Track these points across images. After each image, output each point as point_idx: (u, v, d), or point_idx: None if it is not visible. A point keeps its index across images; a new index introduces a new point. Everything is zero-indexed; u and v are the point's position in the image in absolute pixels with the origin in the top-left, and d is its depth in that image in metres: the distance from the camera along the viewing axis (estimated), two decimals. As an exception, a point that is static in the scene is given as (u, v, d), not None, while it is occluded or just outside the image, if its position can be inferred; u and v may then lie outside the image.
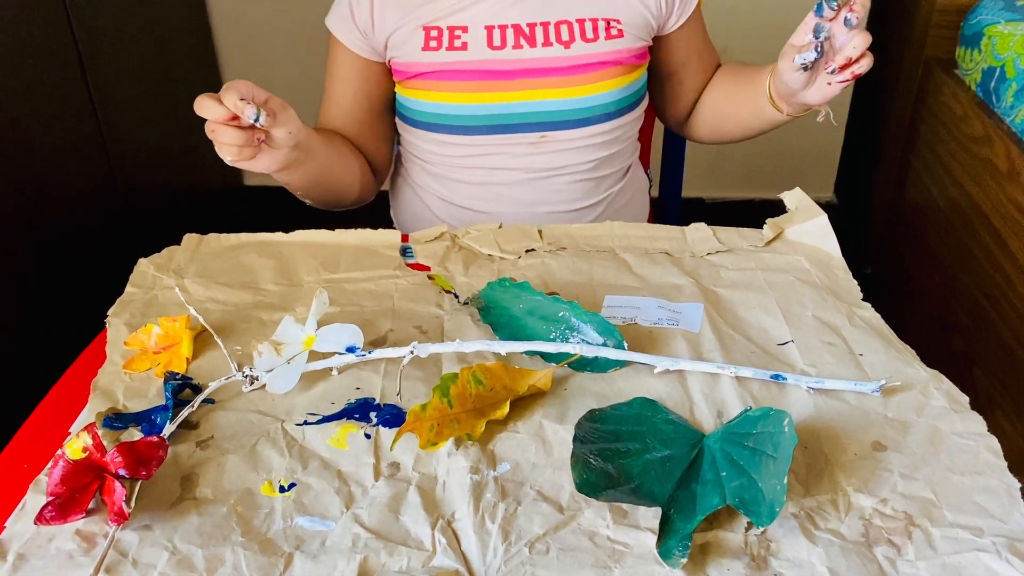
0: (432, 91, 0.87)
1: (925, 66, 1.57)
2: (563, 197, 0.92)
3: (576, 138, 0.89)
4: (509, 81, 0.85)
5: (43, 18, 1.16)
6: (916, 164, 1.60)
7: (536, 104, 0.86)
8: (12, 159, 1.09)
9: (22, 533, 0.50)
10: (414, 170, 0.96)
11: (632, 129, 0.94)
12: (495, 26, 0.85)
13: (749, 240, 0.79)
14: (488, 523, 0.50)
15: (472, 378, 0.59)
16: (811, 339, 0.66)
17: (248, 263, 0.76)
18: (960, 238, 1.41)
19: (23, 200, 1.12)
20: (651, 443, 0.55)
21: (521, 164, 0.90)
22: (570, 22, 0.85)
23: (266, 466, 0.55)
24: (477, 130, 0.88)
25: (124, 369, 0.64)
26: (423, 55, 0.85)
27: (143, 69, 1.43)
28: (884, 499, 0.52)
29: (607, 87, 0.87)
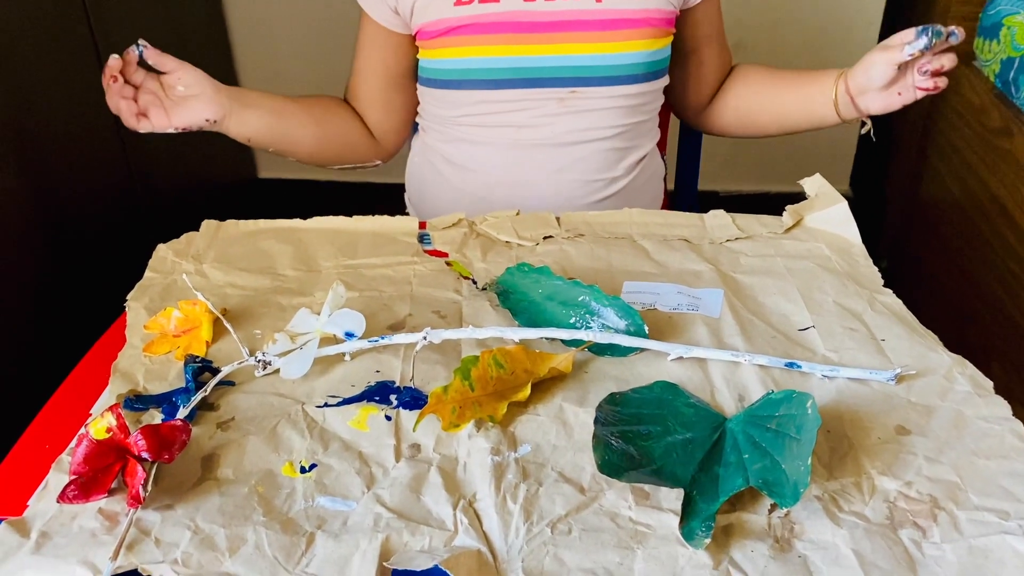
0: (462, 47, 0.88)
1: (943, 58, 1.55)
2: (587, 166, 0.92)
3: (603, 96, 0.89)
4: (539, 34, 0.86)
5: (61, 11, 1.16)
6: (933, 156, 1.59)
7: (565, 58, 0.87)
8: (30, 150, 1.10)
9: (45, 512, 0.50)
10: (433, 139, 0.97)
11: (655, 101, 0.95)
12: None
13: (768, 227, 0.78)
14: (510, 503, 0.50)
15: (493, 361, 0.59)
16: (833, 325, 0.65)
17: (267, 249, 0.76)
18: (978, 230, 1.40)
19: (40, 190, 1.12)
20: (672, 426, 0.54)
21: (548, 123, 0.90)
22: None
23: (287, 447, 0.55)
24: (507, 84, 0.89)
25: (144, 352, 0.64)
26: (456, 10, 0.86)
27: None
28: (909, 482, 0.51)
29: (636, 47, 0.87)
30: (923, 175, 1.63)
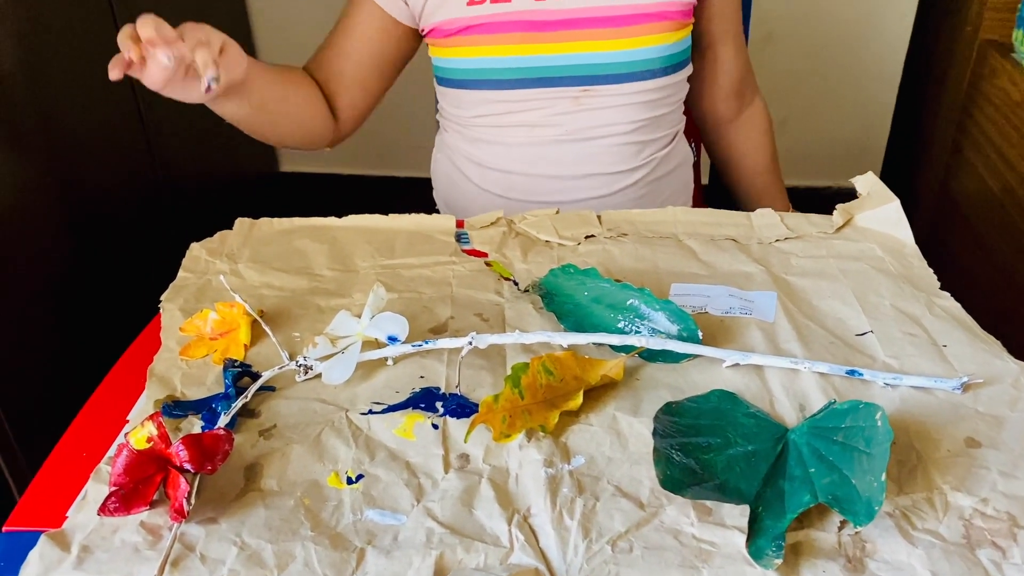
0: (475, 46, 0.86)
1: (980, 49, 1.52)
2: (604, 160, 0.90)
3: (618, 94, 0.87)
4: (553, 32, 0.84)
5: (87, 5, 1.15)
6: (968, 149, 1.56)
7: (580, 56, 0.85)
8: (55, 145, 1.08)
9: (85, 524, 0.49)
10: (453, 138, 0.95)
11: (676, 93, 0.92)
12: None
13: (818, 227, 0.76)
14: (567, 519, 0.48)
15: (542, 368, 0.56)
16: (891, 330, 0.63)
17: (302, 248, 0.74)
18: (1016, 227, 1.37)
19: (68, 185, 1.11)
20: (733, 438, 0.52)
21: (562, 122, 0.88)
22: None
23: (332, 457, 0.53)
24: (520, 83, 0.87)
25: (181, 356, 0.62)
26: (468, 9, 0.84)
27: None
28: (984, 499, 0.49)
29: (652, 41, 0.85)
30: (956, 169, 1.60)
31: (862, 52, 1.71)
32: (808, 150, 1.79)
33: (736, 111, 0.99)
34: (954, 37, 1.58)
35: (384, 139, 1.76)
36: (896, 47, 1.70)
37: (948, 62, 1.60)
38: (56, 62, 1.08)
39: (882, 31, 1.68)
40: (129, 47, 0.66)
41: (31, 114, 1.03)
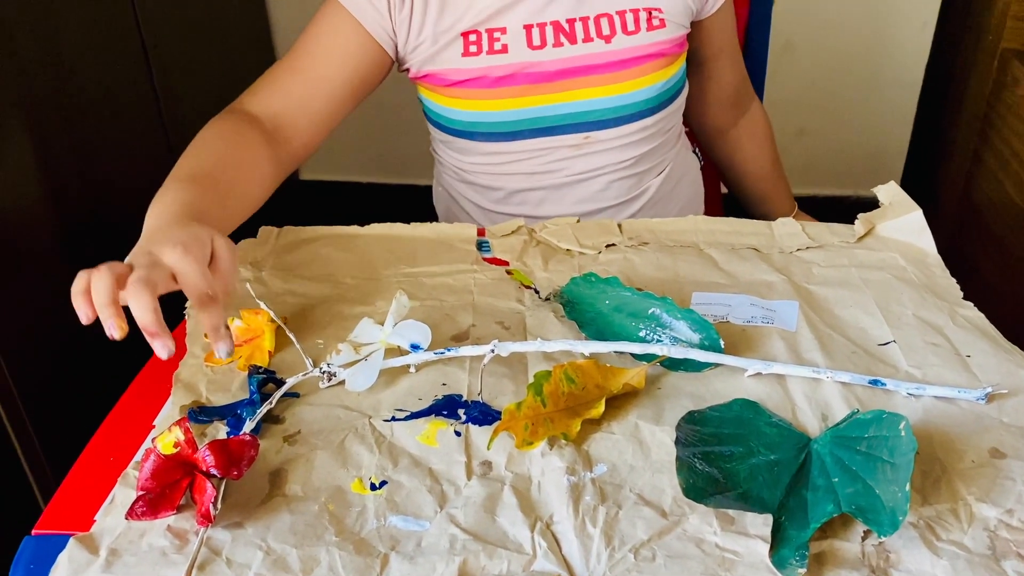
0: (473, 99, 0.84)
1: (1001, 58, 1.52)
2: (606, 195, 0.90)
3: (617, 136, 0.86)
4: (550, 83, 0.83)
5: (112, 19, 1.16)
6: (989, 158, 1.55)
7: (579, 104, 0.84)
8: (81, 153, 1.09)
9: (113, 528, 0.49)
10: (450, 180, 0.94)
11: (673, 120, 0.91)
12: (534, 24, 0.82)
13: (840, 236, 0.76)
14: (589, 527, 0.48)
15: (564, 376, 0.57)
16: (914, 339, 0.63)
17: (325, 256, 0.75)
18: (1038, 236, 1.36)
19: (91, 194, 1.12)
20: (755, 447, 0.52)
21: (563, 167, 0.87)
22: (610, 15, 0.82)
23: (355, 463, 0.53)
24: (519, 135, 0.85)
25: (206, 362, 0.63)
26: (463, 61, 0.82)
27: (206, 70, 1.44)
28: (1010, 510, 0.49)
29: (650, 81, 0.84)
30: (977, 178, 1.59)
31: (882, 61, 1.70)
32: (828, 159, 1.78)
33: (733, 120, 1.00)
34: (975, 46, 1.57)
35: (403, 149, 1.77)
36: (917, 56, 1.69)
37: (969, 71, 1.60)
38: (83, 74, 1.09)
39: (902, 40, 1.67)
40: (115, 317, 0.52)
41: (61, 124, 1.04)
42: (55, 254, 1.05)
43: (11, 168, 0.96)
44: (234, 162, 0.72)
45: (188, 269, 0.55)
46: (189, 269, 0.55)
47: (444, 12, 0.80)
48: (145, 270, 0.53)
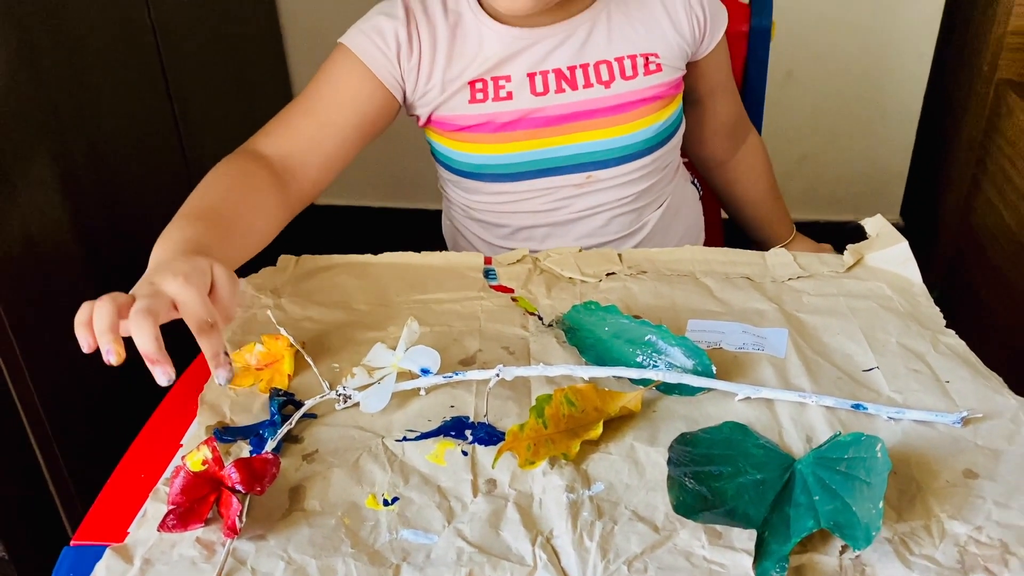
0: (480, 143, 0.88)
1: (997, 88, 1.55)
2: (608, 230, 0.94)
3: (617, 175, 0.90)
4: (553, 127, 0.87)
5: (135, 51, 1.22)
6: (986, 186, 1.59)
7: (581, 146, 0.88)
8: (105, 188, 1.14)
9: (146, 539, 0.53)
10: (459, 216, 0.99)
11: (671, 156, 0.96)
12: (537, 72, 0.86)
13: (830, 266, 0.80)
14: (586, 541, 0.52)
15: (565, 400, 0.61)
16: (897, 366, 0.67)
17: (340, 283, 0.79)
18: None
19: (115, 225, 1.17)
20: (743, 467, 0.56)
21: (567, 204, 0.92)
22: (609, 61, 0.87)
23: (369, 480, 0.57)
24: (524, 176, 0.90)
25: (229, 385, 0.67)
26: (470, 108, 0.87)
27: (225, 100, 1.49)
28: (979, 527, 0.52)
29: (648, 123, 0.88)
30: (975, 205, 1.63)
31: (881, 90, 1.74)
32: (830, 185, 1.82)
33: (731, 151, 1.04)
34: (972, 76, 1.61)
35: (416, 174, 1.82)
36: (915, 84, 1.73)
37: (966, 100, 1.64)
38: (105, 104, 1.14)
39: (901, 70, 1.71)
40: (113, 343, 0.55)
41: (83, 154, 1.09)
42: (81, 288, 1.09)
43: (37, 191, 1.01)
44: (240, 200, 0.75)
45: (188, 298, 0.58)
46: (189, 298, 0.58)
47: (451, 62, 0.85)
48: (147, 300, 0.57)
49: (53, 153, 1.03)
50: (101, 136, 1.13)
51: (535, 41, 0.85)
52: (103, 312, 0.56)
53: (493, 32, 0.84)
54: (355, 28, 0.85)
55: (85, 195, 1.10)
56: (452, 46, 0.85)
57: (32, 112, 0.99)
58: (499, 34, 0.84)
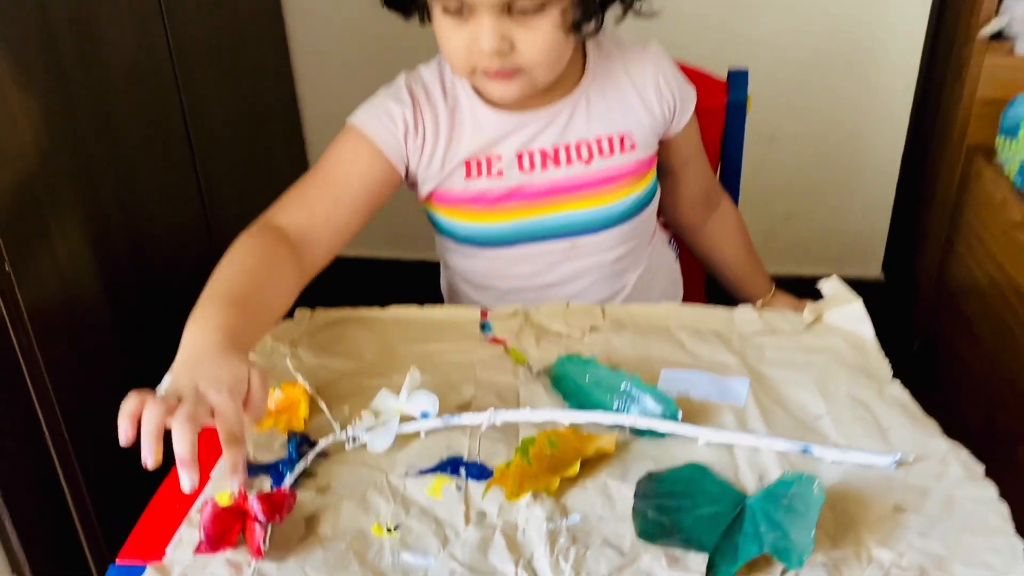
0: (472, 214, 0.98)
1: (967, 153, 1.65)
2: (591, 292, 1.03)
3: (599, 240, 1.00)
4: (540, 199, 0.97)
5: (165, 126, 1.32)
6: (959, 246, 1.68)
7: (566, 216, 0.98)
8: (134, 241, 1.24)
9: (182, 559, 0.61)
10: (456, 279, 1.08)
11: (647, 223, 1.05)
12: (525, 152, 0.96)
13: (791, 323, 0.88)
14: (562, 563, 0.60)
15: (547, 441, 0.69)
16: (844, 414, 0.75)
17: (351, 335, 0.88)
18: (1002, 318, 1.48)
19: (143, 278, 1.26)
20: (700, 501, 0.64)
21: (553, 269, 1.01)
22: (588, 141, 0.96)
23: (375, 511, 0.66)
24: (514, 242, 0.99)
25: (253, 427, 0.75)
26: (467, 183, 0.96)
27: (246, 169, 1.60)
28: (901, 553, 0.60)
29: (625, 195, 0.98)
30: (950, 263, 1.72)
31: (861, 153, 1.84)
32: (814, 242, 1.91)
33: (705, 217, 1.13)
34: (944, 141, 1.71)
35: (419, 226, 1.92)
36: (893, 148, 1.83)
37: (939, 163, 1.74)
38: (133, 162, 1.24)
39: (879, 134, 1.82)
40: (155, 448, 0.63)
41: (115, 210, 1.19)
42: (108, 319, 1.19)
43: (72, 241, 1.10)
44: (265, 282, 0.82)
45: (228, 412, 0.65)
46: (229, 412, 0.65)
47: (450, 143, 0.95)
48: (192, 407, 0.63)
49: (86, 207, 1.13)
50: (131, 195, 1.23)
51: (523, 124, 0.95)
52: (152, 415, 0.62)
53: (487, 117, 0.94)
54: (363, 109, 0.94)
55: (115, 247, 1.19)
56: (451, 128, 0.95)
57: (67, 167, 1.09)
58: (492, 118, 0.94)
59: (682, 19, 1.66)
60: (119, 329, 1.21)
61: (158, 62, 1.31)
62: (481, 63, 0.86)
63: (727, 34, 1.73)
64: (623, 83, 0.98)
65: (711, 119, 1.17)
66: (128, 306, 1.23)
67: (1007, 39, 1.56)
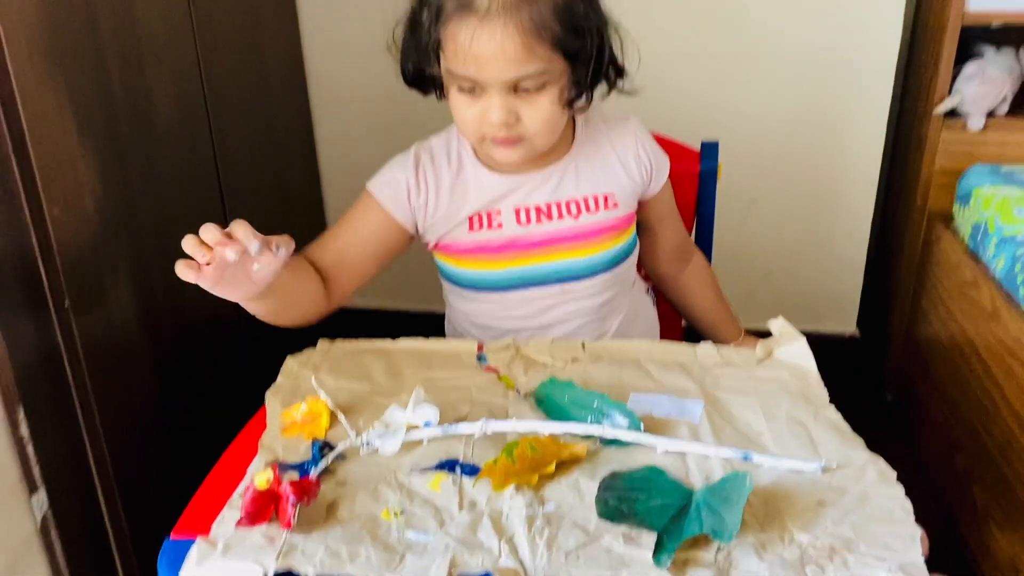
0: (476, 261, 1.14)
1: (929, 219, 1.81)
2: (580, 333, 1.17)
3: (586, 287, 1.15)
4: (535, 249, 1.12)
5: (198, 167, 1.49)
6: (924, 304, 1.82)
7: (557, 264, 1.13)
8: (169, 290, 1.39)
9: (225, 532, 0.75)
10: (459, 319, 1.23)
11: (628, 272, 1.20)
12: (521, 208, 1.11)
13: (745, 358, 1.02)
14: (537, 540, 0.73)
15: (529, 446, 0.83)
16: (782, 431, 0.88)
17: (366, 362, 1.02)
18: (959, 369, 1.61)
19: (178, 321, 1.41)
20: (654, 494, 0.77)
21: (546, 312, 1.16)
22: (577, 200, 1.12)
23: (384, 500, 0.79)
24: (511, 287, 1.14)
25: (281, 434, 0.89)
26: (469, 235, 1.12)
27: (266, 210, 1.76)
28: (817, 536, 0.73)
29: (608, 247, 1.13)
30: (917, 320, 1.85)
31: (834, 216, 1.99)
32: (791, 299, 2.05)
33: (679, 270, 1.29)
34: (908, 207, 1.87)
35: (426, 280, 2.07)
36: (863, 213, 1.98)
37: (905, 228, 1.89)
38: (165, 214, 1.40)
39: (850, 200, 1.97)
40: (200, 252, 0.82)
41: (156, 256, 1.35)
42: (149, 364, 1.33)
43: (122, 297, 1.25)
44: (307, 278, 1.05)
45: None
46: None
47: (453, 199, 1.11)
48: None
49: (132, 251, 1.28)
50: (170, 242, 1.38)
51: (520, 185, 1.11)
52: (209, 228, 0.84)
53: (488, 178, 1.11)
54: (378, 176, 1.11)
55: (154, 291, 1.34)
56: (455, 188, 1.11)
57: (119, 216, 1.25)
58: (493, 180, 1.11)
59: (671, 95, 1.84)
60: (159, 369, 1.35)
61: (196, 120, 1.48)
62: (490, 132, 1.01)
63: (711, 108, 1.90)
64: (607, 151, 1.14)
65: (687, 184, 1.33)
66: (166, 356, 1.37)
67: (961, 116, 1.73)
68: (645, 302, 1.28)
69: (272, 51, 1.82)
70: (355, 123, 2.03)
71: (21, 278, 1.09)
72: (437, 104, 1.08)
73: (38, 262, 1.10)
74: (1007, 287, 1.44)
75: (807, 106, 1.89)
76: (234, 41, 1.62)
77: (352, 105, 2.01)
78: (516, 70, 0.95)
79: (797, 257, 2.03)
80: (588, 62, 1.00)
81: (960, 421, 1.59)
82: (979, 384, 1.51)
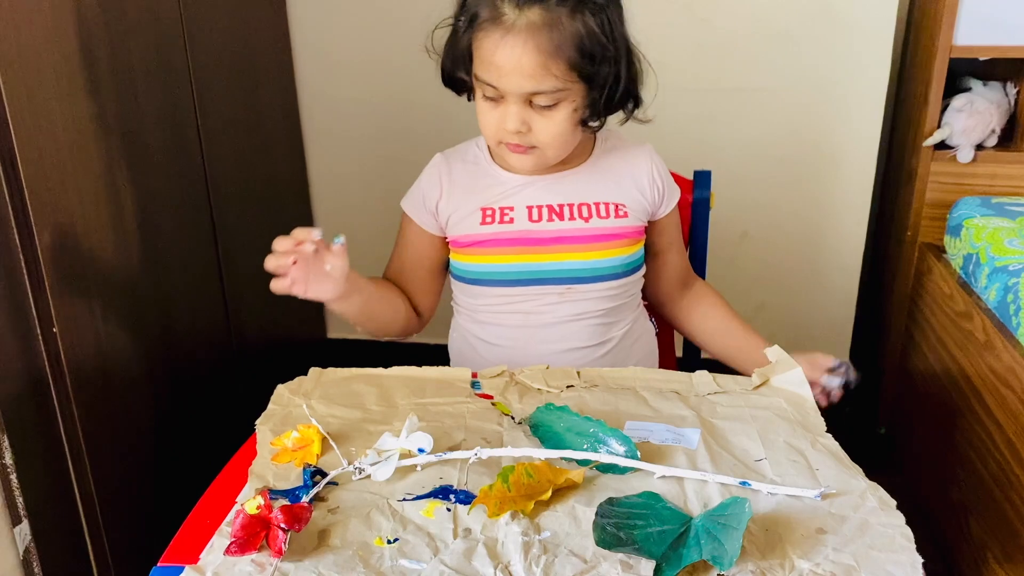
0: (485, 255, 1.17)
1: (920, 251, 1.81)
2: (581, 337, 1.18)
3: (592, 290, 1.17)
4: (543, 246, 1.15)
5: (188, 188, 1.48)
6: (917, 335, 1.82)
7: (563, 263, 1.16)
8: (164, 324, 1.38)
9: (214, 561, 0.73)
10: (464, 321, 1.24)
11: (633, 289, 1.22)
12: (534, 206, 1.16)
13: (741, 385, 1.01)
14: (534, 568, 0.72)
15: (525, 471, 0.81)
16: (780, 457, 0.87)
17: (357, 390, 1.01)
18: (952, 400, 1.61)
19: (167, 353, 1.39)
20: (652, 521, 0.76)
21: (550, 311, 1.17)
22: (589, 204, 1.16)
23: (377, 527, 0.77)
24: (518, 283, 1.17)
25: (272, 461, 0.87)
26: (481, 228, 1.16)
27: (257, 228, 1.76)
28: (818, 563, 0.72)
29: (615, 253, 1.16)
30: (910, 351, 1.85)
31: (826, 249, 2.00)
32: (784, 331, 2.05)
33: (682, 294, 1.29)
34: (899, 240, 1.87)
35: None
36: (855, 245, 1.99)
37: (896, 260, 1.89)
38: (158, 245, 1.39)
39: (841, 232, 1.98)
40: (287, 256, 0.98)
41: (148, 295, 1.34)
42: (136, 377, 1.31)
43: (111, 318, 1.24)
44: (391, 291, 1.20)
45: None
46: None
47: (467, 193, 1.16)
48: None
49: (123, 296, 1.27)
50: (161, 268, 1.38)
51: (534, 183, 1.15)
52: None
53: (503, 175, 1.16)
54: (408, 193, 1.21)
55: (147, 332, 1.33)
56: (469, 181, 1.16)
57: (111, 260, 1.24)
58: (507, 176, 1.16)
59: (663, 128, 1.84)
60: (147, 391, 1.33)
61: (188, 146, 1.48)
62: (505, 138, 1.08)
63: (702, 142, 1.91)
64: (622, 167, 1.19)
65: (681, 213, 1.32)
66: (154, 369, 1.36)
67: (950, 148, 1.74)
68: (647, 328, 1.29)
69: (265, 78, 1.83)
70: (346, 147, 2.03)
71: (8, 304, 1.08)
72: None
73: (26, 288, 1.09)
74: (1000, 317, 1.44)
75: (798, 139, 1.91)
76: (228, 67, 1.62)
77: (343, 128, 2.02)
78: (531, 85, 1.02)
79: (789, 289, 2.03)
80: (604, 87, 1.05)
81: (954, 453, 1.58)
82: (973, 415, 1.51)
